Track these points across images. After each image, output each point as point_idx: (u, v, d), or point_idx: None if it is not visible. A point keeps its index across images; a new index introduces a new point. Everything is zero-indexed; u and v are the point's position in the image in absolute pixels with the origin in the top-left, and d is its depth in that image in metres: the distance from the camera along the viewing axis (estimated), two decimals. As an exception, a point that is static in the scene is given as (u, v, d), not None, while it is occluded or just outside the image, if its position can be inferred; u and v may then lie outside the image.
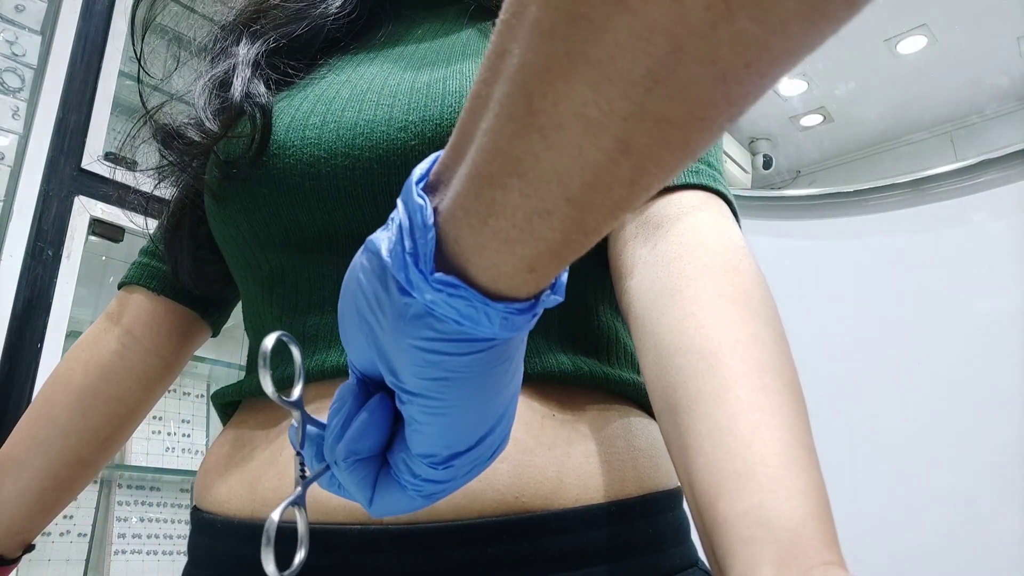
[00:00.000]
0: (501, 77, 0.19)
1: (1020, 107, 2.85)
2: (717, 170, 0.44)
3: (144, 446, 1.64)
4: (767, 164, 3.19)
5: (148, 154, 0.52)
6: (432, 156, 0.23)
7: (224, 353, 1.81)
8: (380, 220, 0.42)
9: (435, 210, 0.22)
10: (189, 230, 0.53)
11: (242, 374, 0.51)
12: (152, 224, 0.59)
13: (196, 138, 0.46)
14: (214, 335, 0.61)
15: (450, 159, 0.22)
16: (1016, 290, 1.59)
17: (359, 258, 0.24)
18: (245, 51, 0.49)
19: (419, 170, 0.23)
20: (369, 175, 0.42)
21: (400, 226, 0.22)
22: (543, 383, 0.40)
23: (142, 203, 0.57)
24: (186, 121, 0.48)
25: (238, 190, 0.45)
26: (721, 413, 0.29)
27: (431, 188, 0.22)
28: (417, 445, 0.24)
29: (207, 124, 0.46)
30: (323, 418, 0.31)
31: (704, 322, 0.32)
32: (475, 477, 0.27)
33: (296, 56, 0.50)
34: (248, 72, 0.47)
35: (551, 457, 0.38)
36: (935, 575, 1.52)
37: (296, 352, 0.29)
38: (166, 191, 0.55)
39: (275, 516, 0.25)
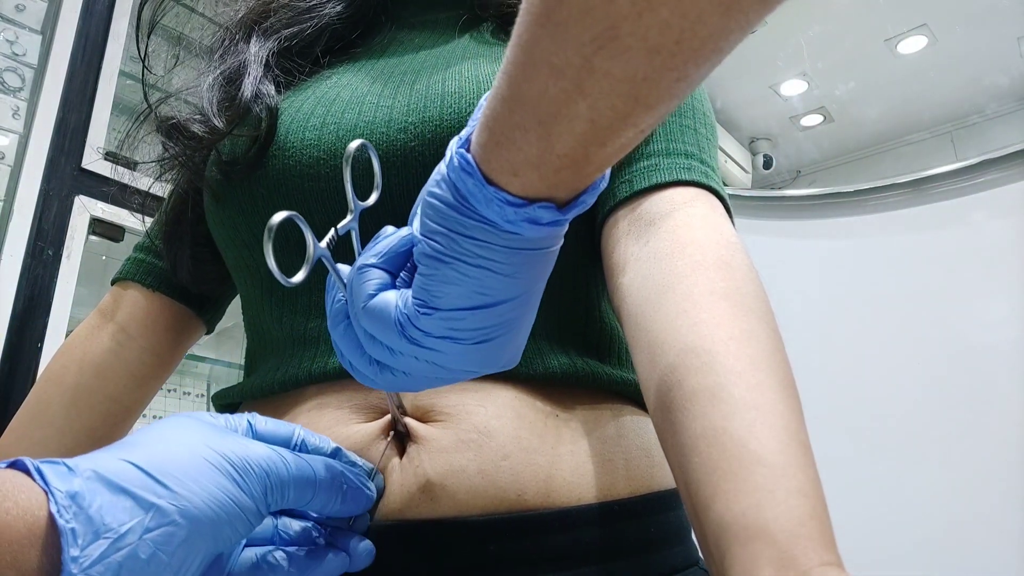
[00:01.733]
0: (517, 20, 0.25)
1: (1020, 107, 2.85)
2: (710, 167, 0.43)
3: (144, 446, 1.64)
4: (767, 164, 3.19)
5: (149, 151, 0.52)
6: None
7: (224, 353, 1.81)
8: (382, 220, 0.42)
9: None
10: (189, 227, 0.52)
11: (242, 374, 0.51)
12: (151, 222, 0.58)
13: (200, 133, 0.46)
14: (209, 332, 0.61)
15: None
16: (1016, 290, 1.59)
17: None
18: (256, 49, 0.49)
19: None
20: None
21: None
22: (545, 383, 0.40)
23: (141, 201, 0.57)
24: (190, 115, 0.48)
25: (237, 191, 0.45)
26: (716, 412, 0.29)
27: None
28: (415, 287, 0.29)
29: (213, 120, 0.46)
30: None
31: (697, 320, 0.32)
32: (450, 365, 0.30)
33: (301, 56, 0.50)
34: (259, 71, 0.47)
35: (553, 456, 0.38)
36: (935, 575, 1.52)
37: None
38: (165, 189, 0.55)
39: (278, 217, 0.29)
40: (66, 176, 1.33)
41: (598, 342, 0.45)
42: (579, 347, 0.43)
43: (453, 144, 0.28)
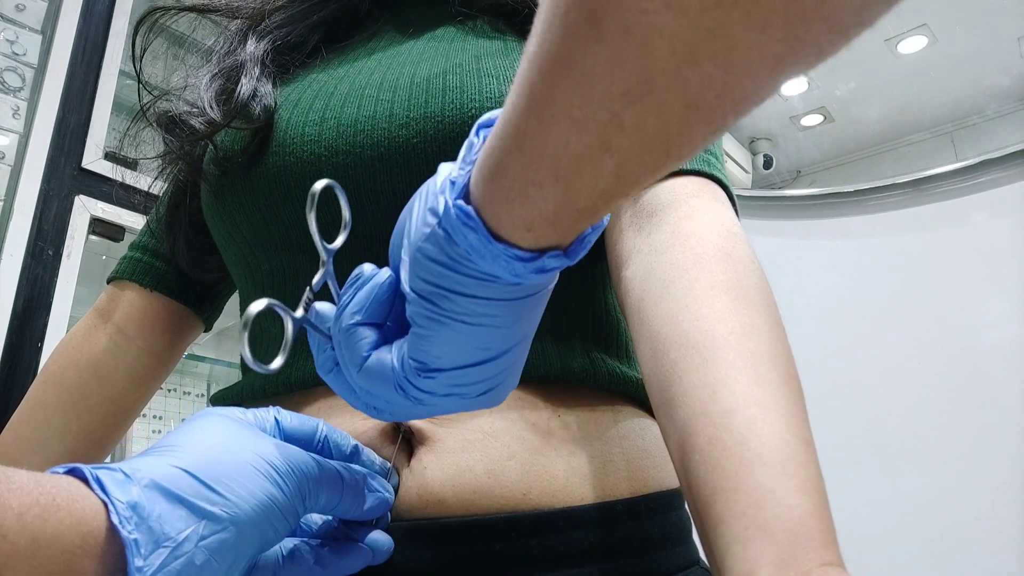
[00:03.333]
0: (524, 56, 0.22)
1: (1020, 107, 2.85)
2: (713, 155, 0.43)
3: (145, 445, 1.64)
4: (767, 164, 3.19)
5: (149, 150, 0.52)
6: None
7: (224, 353, 1.80)
8: (384, 219, 0.42)
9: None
10: (187, 216, 0.52)
11: (241, 374, 0.51)
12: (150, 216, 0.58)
13: (198, 126, 0.46)
14: (207, 330, 0.61)
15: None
16: (1016, 290, 1.59)
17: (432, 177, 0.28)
18: (252, 49, 0.49)
19: (488, 115, 0.26)
20: (371, 173, 0.41)
21: (459, 158, 0.26)
22: (551, 383, 0.40)
23: (141, 201, 0.57)
24: (189, 110, 0.48)
25: (237, 189, 0.45)
26: (716, 409, 0.29)
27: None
28: (412, 348, 0.28)
29: (210, 113, 0.46)
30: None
31: (698, 314, 0.32)
32: (450, 412, 0.29)
33: (297, 50, 0.50)
34: (257, 70, 0.47)
35: (559, 456, 0.38)
36: (935, 575, 1.52)
37: (345, 205, 0.32)
38: (166, 186, 0.55)
39: (256, 306, 0.27)
40: (66, 176, 1.33)
41: (605, 336, 0.45)
42: (585, 341, 0.43)
43: (442, 192, 0.25)
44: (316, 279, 0.31)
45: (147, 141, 0.51)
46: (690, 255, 0.35)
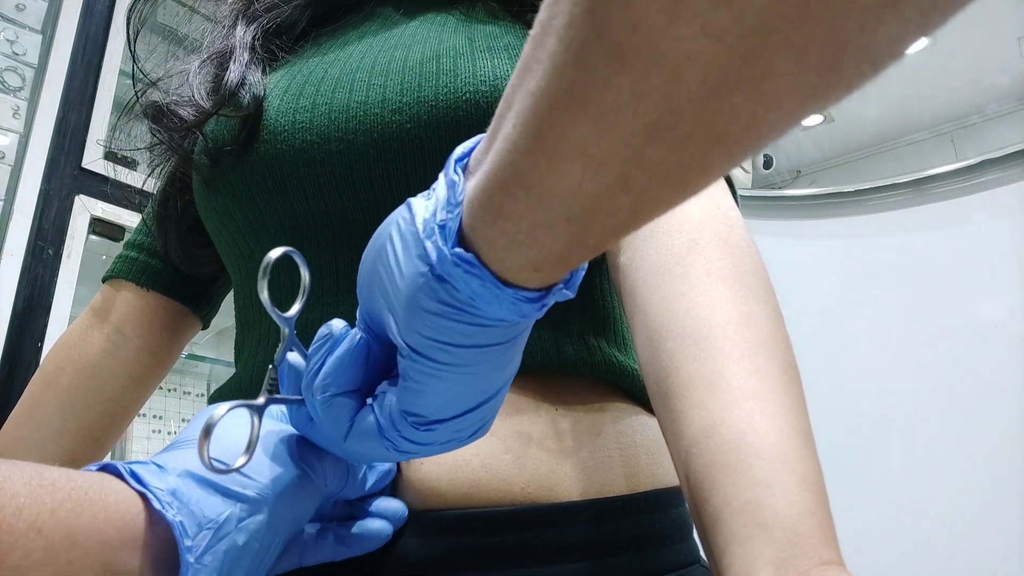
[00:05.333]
0: (522, 90, 0.19)
1: (1020, 107, 2.85)
2: None
3: (144, 445, 1.64)
4: (767, 164, 3.19)
5: (141, 143, 0.52)
6: (478, 137, 0.24)
7: (224, 352, 1.80)
8: (378, 207, 0.41)
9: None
10: (180, 209, 0.52)
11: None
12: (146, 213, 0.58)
13: (185, 115, 0.45)
14: (204, 328, 0.60)
15: (484, 148, 0.23)
16: (1016, 290, 1.59)
17: (397, 214, 0.26)
18: (241, 34, 0.48)
19: (462, 148, 0.24)
20: (365, 160, 0.41)
21: (438, 198, 0.24)
22: (548, 377, 0.40)
23: (141, 201, 0.57)
24: (178, 99, 0.47)
25: (229, 177, 0.44)
26: (714, 402, 0.28)
27: (471, 168, 0.23)
28: (406, 402, 0.26)
29: (200, 102, 0.45)
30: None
31: (694, 302, 0.32)
32: (449, 451, 0.28)
33: (286, 34, 0.50)
34: (246, 56, 0.47)
35: (557, 451, 0.38)
36: (935, 574, 1.52)
37: (304, 271, 0.30)
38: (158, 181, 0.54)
39: (220, 411, 0.25)
40: (66, 176, 1.33)
41: (602, 322, 0.44)
42: (582, 328, 0.43)
43: (429, 237, 0.23)
44: (277, 355, 0.30)
45: (141, 137, 0.51)
46: (686, 241, 0.34)
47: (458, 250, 0.23)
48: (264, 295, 0.29)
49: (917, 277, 1.73)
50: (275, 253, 0.28)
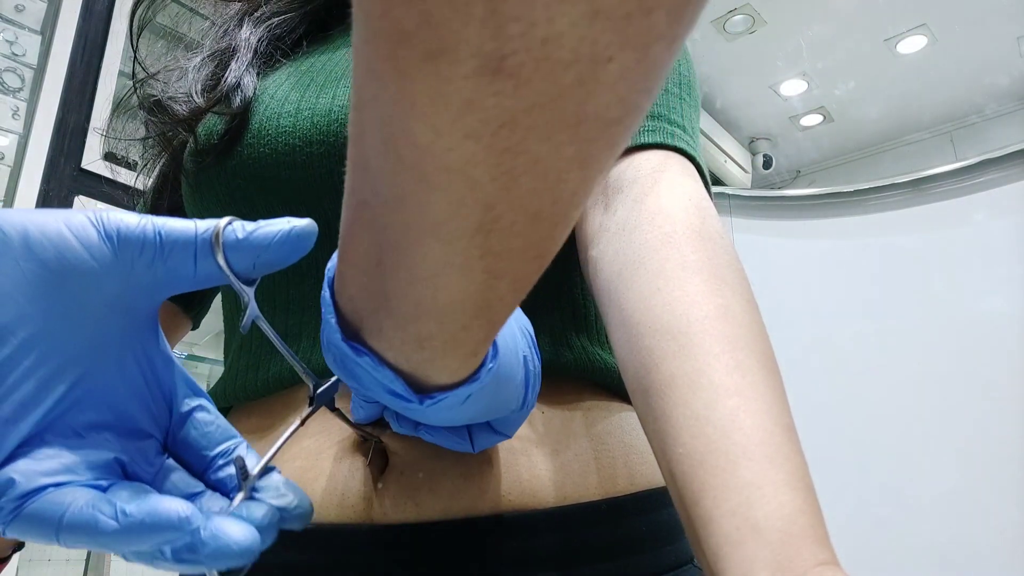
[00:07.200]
0: (360, 223, 0.22)
1: (1020, 107, 2.85)
2: (679, 126, 0.41)
3: (144, 446, 1.64)
4: (767, 164, 3.19)
5: (135, 141, 0.52)
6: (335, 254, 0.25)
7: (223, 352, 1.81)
8: None
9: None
10: (169, 210, 0.52)
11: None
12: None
13: (179, 111, 0.45)
14: (194, 328, 0.60)
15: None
16: (1016, 290, 1.59)
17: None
18: (247, 35, 0.48)
19: (331, 263, 0.26)
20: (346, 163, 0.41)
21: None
22: None
23: (140, 201, 0.57)
24: (174, 95, 0.47)
25: (213, 182, 0.44)
26: (697, 400, 0.28)
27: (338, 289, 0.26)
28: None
29: (196, 99, 0.45)
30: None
31: (671, 297, 0.31)
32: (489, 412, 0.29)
33: (287, 37, 0.50)
34: (248, 57, 0.47)
35: (539, 455, 0.37)
36: (935, 574, 1.52)
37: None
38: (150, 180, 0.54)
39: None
40: (66, 176, 1.33)
41: (578, 315, 0.44)
42: (559, 326, 0.42)
43: (356, 367, 0.25)
44: (243, 322, 0.30)
45: (135, 145, 0.51)
46: (659, 234, 0.34)
47: (397, 388, 0.25)
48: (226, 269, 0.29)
49: (917, 277, 1.73)
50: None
